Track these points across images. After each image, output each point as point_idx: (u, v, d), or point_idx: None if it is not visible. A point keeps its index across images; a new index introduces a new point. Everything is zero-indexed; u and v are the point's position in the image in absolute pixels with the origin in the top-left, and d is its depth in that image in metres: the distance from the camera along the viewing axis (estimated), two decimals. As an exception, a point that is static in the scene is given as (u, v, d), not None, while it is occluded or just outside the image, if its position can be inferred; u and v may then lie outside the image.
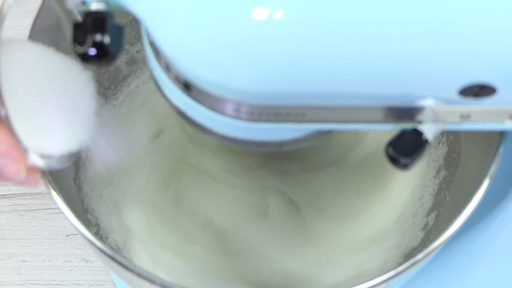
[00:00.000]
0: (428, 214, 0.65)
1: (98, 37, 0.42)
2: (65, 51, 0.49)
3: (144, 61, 0.68)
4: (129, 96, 0.70)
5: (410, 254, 0.63)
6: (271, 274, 0.66)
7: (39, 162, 0.49)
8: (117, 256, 0.53)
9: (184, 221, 0.68)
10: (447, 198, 0.63)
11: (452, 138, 0.65)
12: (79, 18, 0.43)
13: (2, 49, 0.45)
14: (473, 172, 0.58)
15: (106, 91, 0.69)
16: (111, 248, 0.60)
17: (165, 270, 0.65)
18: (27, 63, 0.48)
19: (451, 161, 0.65)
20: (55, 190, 0.54)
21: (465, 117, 0.45)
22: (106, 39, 0.42)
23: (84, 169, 0.65)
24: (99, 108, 0.51)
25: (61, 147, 0.50)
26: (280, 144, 0.47)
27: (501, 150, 0.55)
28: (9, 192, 0.77)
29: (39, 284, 0.74)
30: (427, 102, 0.43)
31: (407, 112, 0.44)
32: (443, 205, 0.63)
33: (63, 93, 0.49)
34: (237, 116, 0.44)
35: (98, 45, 0.42)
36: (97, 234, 0.63)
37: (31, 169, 0.49)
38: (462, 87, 0.42)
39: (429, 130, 0.44)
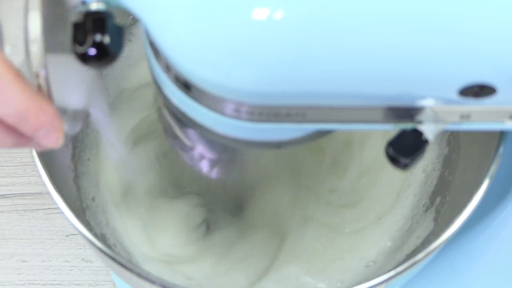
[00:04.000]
0: (428, 214, 0.65)
1: (98, 37, 0.42)
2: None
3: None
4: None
5: (410, 254, 0.63)
6: None
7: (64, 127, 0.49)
8: (117, 256, 0.53)
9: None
10: (447, 198, 0.63)
11: (452, 138, 0.65)
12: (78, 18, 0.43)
13: None
14: (473, 172, 0.58)
15: None
16: (110, 247, 0.60)
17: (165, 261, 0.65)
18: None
19: (451, 161, 0.65)
20: (55, 190, 0.54)
21: (465, 117, 0.45)
22: (106, 39, 0.42)
23: (83, 168, 0.65)
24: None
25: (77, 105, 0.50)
26: (280, 144, 0.47)
27: (501, 150, 0.55)
28: (9, 192, 0.77)
29: (39, 284, 0.74)
30: (427, 102, 0.43)
31: (407, 112, 0.44)
32: (443, 205, 0.63)
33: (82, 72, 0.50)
34: (237, 116, 0.44)
35: (98, 45, 0.42)
36: (97, 234, 0.63)
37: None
38: (462, 87, 0.42)
39: (429, 130, 0.44)
